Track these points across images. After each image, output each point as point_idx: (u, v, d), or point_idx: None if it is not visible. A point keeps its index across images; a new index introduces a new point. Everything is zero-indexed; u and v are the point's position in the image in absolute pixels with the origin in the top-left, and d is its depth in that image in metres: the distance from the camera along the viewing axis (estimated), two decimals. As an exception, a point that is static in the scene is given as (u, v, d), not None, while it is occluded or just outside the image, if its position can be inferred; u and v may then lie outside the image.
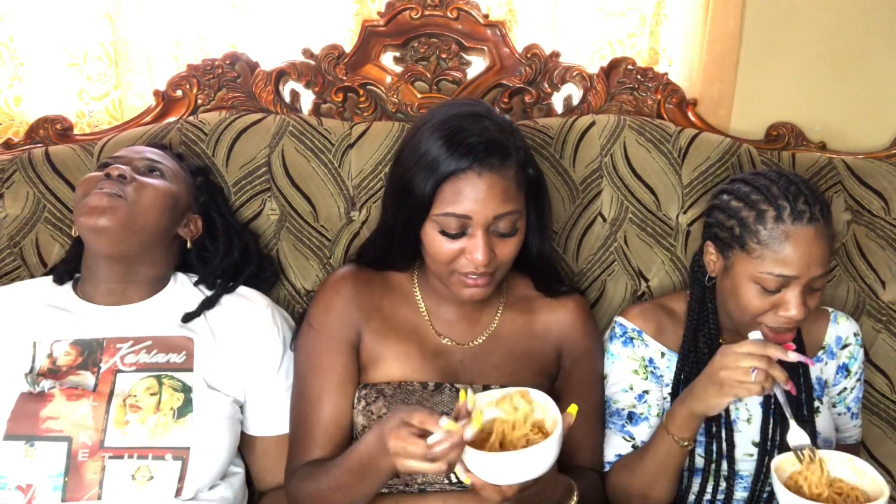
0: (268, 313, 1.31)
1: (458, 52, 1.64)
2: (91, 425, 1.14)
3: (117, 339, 1.21)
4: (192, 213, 1.34)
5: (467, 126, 1.14)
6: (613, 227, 1.54)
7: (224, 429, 1.21)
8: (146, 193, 1.23)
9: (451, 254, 1.15)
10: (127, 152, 1.32)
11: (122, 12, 1.61)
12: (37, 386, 1.15)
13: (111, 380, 1.18)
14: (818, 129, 1.72)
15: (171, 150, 1.42)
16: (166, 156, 1.35)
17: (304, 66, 1.61)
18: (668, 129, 1.59)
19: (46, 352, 1.19)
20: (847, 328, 1.35)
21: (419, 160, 1.15)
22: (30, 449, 1.11)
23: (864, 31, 1.70)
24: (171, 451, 1.14)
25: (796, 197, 1.17)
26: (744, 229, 1.19)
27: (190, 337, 1.24)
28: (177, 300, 1.29)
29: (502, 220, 1.14)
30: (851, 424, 1.34)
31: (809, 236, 1.15)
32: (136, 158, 1.29)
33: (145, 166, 1.29)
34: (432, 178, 1.12)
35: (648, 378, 1.30)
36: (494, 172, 1.12)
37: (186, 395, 1.18)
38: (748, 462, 1.27)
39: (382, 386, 1.20)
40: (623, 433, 1.29)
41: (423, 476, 1.17)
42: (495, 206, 1.12)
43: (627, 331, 1.32)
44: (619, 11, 1.71)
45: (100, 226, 1.19)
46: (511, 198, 1.14)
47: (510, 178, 1.14)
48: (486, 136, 1.13)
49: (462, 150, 1.12)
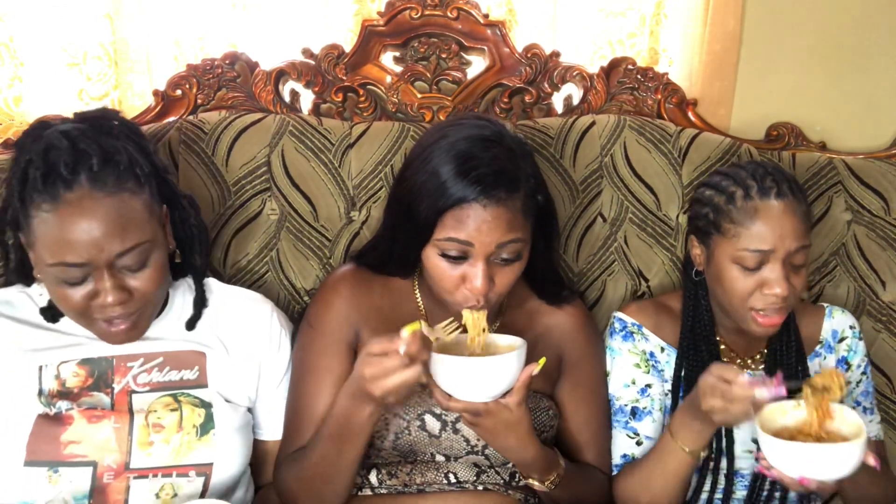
0: (274, 318, 1.29)
1: (458, 52, 1.64)
2: (115, 448, 1.11)
3: (127, 357, 1.17)
4: (163, 219, 1.18)
5: (477, 153, 1.11)
6: (613, 227, 1.54)
7: (242, 439, 1.20)
8: (148, 287, 1.11)
9: (451, 280, 1.14)
10: (90, 253, 1.04)
11: (122, 12, 1.60)
12: (53, 407, 1.12)
13: (127, 400, 1.15)
14: (818, 129, 1.72)
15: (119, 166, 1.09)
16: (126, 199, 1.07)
17: (304, 65, 1.61)
18: (668, 129, 1.59)
19: (54, 373, 1.15)
20: (842, 321, 1.36)
21: (425, 182, 1.12)
22: (54, 475, 1.09)
23: (864, 32, 1.71)
24: (194, 469, 1.14)
25: (763, 176, 1.21)
26: (717, 213, 1.22)
27: (201, 351, 1.21)
28: (180, 309, 1.25)
29: (505, 248, 1.12)
30: (866, 420, 1.33)
31: (779, 210, 1.18)
32: (105, 256, 1.05)
33: (123, 259, 1.07)
34: (437, 204, 1.10)
35: (650, 372, 1.30)
36: (500, 205, 1.10)
37: (207, 410, 1.17)
38: (748, 459, 1.27)
39: (382, 386, 1.20)
40: (627, 430, 1.29)
41: (421, 477, 1.17)
42: (498, 235, 1.10)
43: (627, 325, 1.32)
44: (619, 11, 1.71)
45: (131, 340, 1.14)
46: (516, 227, 1.12)
47: (517, 209, 1.12)
48: (495, 165, 1.11)
49: (470, 180, 1.09)
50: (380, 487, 1.19)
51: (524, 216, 1.14)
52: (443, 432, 1.19)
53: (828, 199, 1.60)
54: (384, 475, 1.19)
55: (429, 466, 1.18)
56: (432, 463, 1.19)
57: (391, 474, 1.19)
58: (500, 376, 1.03)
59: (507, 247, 1.12)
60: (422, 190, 1.12)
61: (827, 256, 1.57)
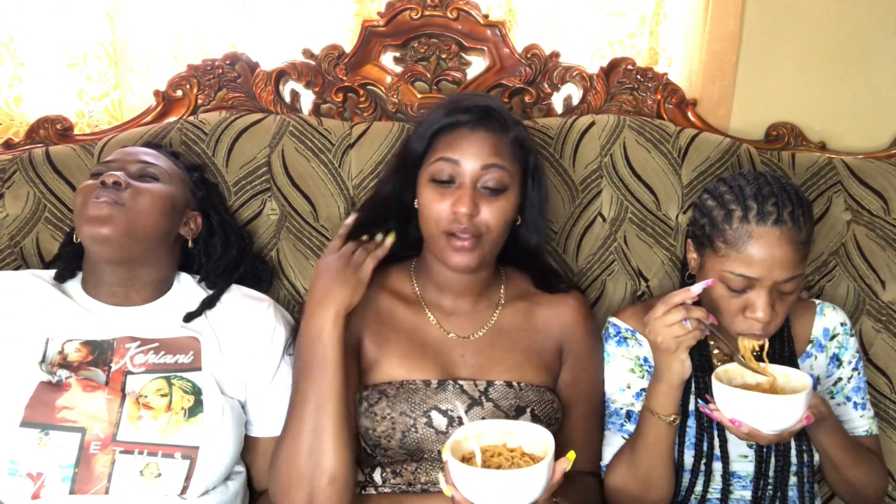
0: (270, 313, 1.31)
1: (458, 53, 1.64)
2: (105, 418, 1.14)
3: (126, 339, 1.22)
4: (191, 211, 1.34)
5: (469, 96, 1.27)
6: (613, 227, 1.55)
7: (232, 428, 1.21)
8: (143, 199, 1.23)
9: (441, 211, 1.18)
10: (120, 156, 1.31)
11: (122, 12, 1.61)
12: (54, 375, 1.16)
13: (121, 380, 1.19)
14: (818, 129, 1.72)
15: (164, 149, 1.42)
16: (160, 155, 1.34)
17: (304, 66, 1.61)
18: (667, 129, 1.59)
19: (58, 349, 1.20)
20: (834, 318, 1.34)
21: (418, 128, 1.25)
22: (44, 437, 1.12)
23: (864, 31, 1.71)
24: (180, 450, 1.15)
25: (766, 198, 1.17)
26: (713, 228, 1.20)
27: (195, 337, 1.25)
28: (181, 301, 1.30)
29: (490, 172, 1.18)
30: (857, 415, 1.33)
31: (773, 238, 1.15)
32: (129, 162, 1.28)
33: (139, 170, 1.27)
34: (428, 131, 1.21)
35: (644, 376, 1.30)
36: (489, 131, 1.19)
37: (197, 396, 1.19)
38: (744, 463, 1.27)
39: (384, 386, 1.20)
40: (622, 432, 1.29)
41: (425, 475, 1.17)
42: (485, 156, 1.18)
43: (621, 330, 1.32)
44: (619, 11, 1.71)
45: (102, 235, 1.19)
46: (502, 155, 1.20)
47: (505, 141, 1.20)
48: (486, 102, 1.22)
49: (460, 109, 1.21)
50: (384, 486, 1.19)
51: (511, 154, 1.21)
52: (449, 428, 1.18)
53: (827, 199, 1.60)
54: (388, 473, 1.19)
55: (434, 465, 1.18)
56: (438, 461, 1.19)
57: (396, 473, 1.19)
58: (532, 483, 0.96)
59: (492, 170, 1.18)
60: (415, 135, 1.24)
61: (826, 256, 1.57)
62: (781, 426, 1.11)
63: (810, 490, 1.25)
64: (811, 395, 1.11)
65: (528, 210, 1.27)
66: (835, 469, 1.25)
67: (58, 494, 1.11)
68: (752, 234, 1.15)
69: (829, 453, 1.23)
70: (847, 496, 1.33)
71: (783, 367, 1.18)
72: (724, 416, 1.13)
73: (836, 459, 1.23)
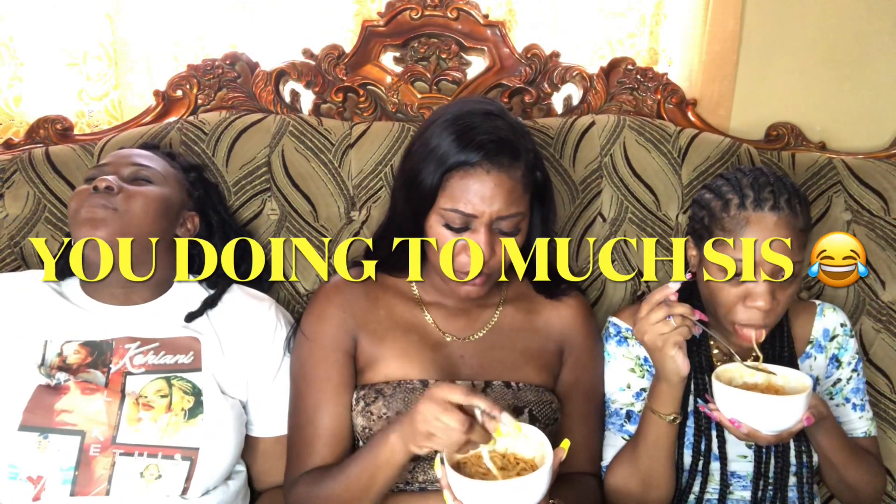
0: (271, 313, 1.31)
1: (458, 53, 1.64)
2: (104, 420, 1.14)
3: (126, 339, 1.22)
4: (187, 212, 1.33)
5: (479, 123, 1.15)
6: (613, 227, 1.55)
7: (232, 429, 1.21)
8: (136, 203, 1.23)
9: (454, 253, 1.15)
10: (114, 159, 1.30)
11: (122, 12, 1.61)
12: (52, 378, 1.16)
13: (121, 381, 1.18)
14: (818, 129, 1.72)
15: (161, 150, 1.41)
16: (155, 157, 1.34)
17: (304, 66, 1.61)
18: (667, 129, 1.59)
19: (57, 350, 1.20)
20: (834, 319, 1.34)
21: (429, 154, 1.15)
22: (43, 441, 1.12)
23: (864, 32, 1.71)
24: (180, 452, 1.15)
25: (763, 186, 1.18)
26: (711, 218, 1.20)
27: (196, 337, 1.25)
28: (182, 301, 1.29)
29: (506, 220, 1.15)
30: (856, 416, 1.33)
31: (770, 223, 1.15)
32: (123, 165, 1.28)
33: (132, 173, 1.27)
34: (440, 169, 1.13)
35: (644, 376, 1.30)
36: (503, 172, 1.13)
37: (197, 397, 1.19)
38: (743, 463, 1.27)
39: (381, 386, 1.20)
40: (622, 433, 1.29)
41: (423, 474, 1.17)
42: (500, 205, 1.13)
43: (621, 330, 1.32)
44: (619, 11, 1.71)
45: (95, 238, 1.19)
46: (516, 199, 1.15)
47: (517, 178, 1.15)
48: (497, 134, 1.14)
49: (473, 146, 1.12)
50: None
51: (523, 189, 1.17)
52: None
53: (827, 199, 1.60)
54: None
55: (431, 464, 1.18)
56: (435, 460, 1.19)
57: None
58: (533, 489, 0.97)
59: (508, 220, 1.15)
60: (425, 161, 1.15)
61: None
62: (781, 427, 1.10)
63: (810, 491, 1.25)
64: (811, 395, 1.11)
65: (534, 223, 1.24)
66: (833, 470, 1.25)
67: (58, 497, 1.11)
68: (749, 219, 1.16)
69: (828, 454, 1.23)
70: (845, 497, 1.32)
71: (783, 367, 1.18)
72: (724, 416, 1.13)
73: (835, 460, 1.23)
